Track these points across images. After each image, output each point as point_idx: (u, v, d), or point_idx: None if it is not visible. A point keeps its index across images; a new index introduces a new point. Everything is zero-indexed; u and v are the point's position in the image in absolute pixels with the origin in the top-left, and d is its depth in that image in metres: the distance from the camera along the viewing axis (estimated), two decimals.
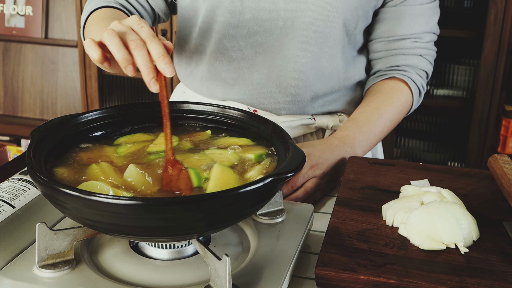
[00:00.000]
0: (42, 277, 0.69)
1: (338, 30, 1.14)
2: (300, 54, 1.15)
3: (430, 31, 1.21)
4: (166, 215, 0.62)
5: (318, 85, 1.19)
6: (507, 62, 2.31)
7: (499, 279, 0.70)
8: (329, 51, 1.17)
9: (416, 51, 1.20)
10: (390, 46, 1.21)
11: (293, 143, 0.76)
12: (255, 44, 1.16)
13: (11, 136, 3.09)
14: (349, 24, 1.15)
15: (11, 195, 0.81)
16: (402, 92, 1.19)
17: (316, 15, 1.12)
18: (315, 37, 1.14)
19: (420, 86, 1.22)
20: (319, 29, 1.14)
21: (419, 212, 0.79)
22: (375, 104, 1.16)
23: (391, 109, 1.16)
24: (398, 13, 1.19)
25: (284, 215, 0.84)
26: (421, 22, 1.19)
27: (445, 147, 2.62)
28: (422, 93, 1.24)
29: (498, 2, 2.24)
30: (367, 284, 0.70)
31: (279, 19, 1.13)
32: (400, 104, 1.18)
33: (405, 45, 1.20)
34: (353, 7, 1.13)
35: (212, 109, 0.89)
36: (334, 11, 1.12)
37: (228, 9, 1.14)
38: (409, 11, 1.18)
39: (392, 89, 1.18)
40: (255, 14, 1.13)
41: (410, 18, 1.19)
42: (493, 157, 0.98)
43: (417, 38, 1.20)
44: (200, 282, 0.69)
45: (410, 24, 1.19)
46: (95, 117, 0.85)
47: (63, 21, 2.93)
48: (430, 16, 1.20)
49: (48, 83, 3.03)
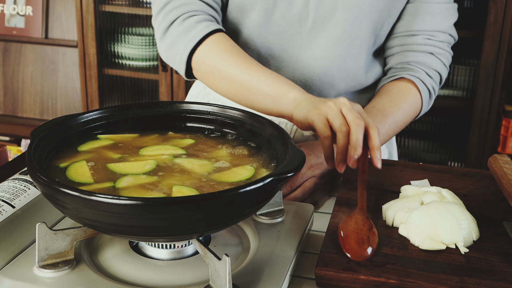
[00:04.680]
0: (42, 277, 0.69)
1: (366, 31, 1.15)
2: (327, 54, 1.16)
3: (445, 31, 1.19)
4: (166, 215, 0.62)
5: (342, 85, 1.19)
6: (507, 62, 2.31)
7: (499, 279, 0.70)
8: (355, 52, 1.17)
9: (427, 48, 1.18)
10: (403, 42, 1.19)
11: (293, 143, 0.76)
12: (283, 42, 1.17)
13: (11, 136, 3.09)
14: (376, 25, 1.15)
15: (11, 195, 0.81)
16: (410, 94, 1.16)
17: (345, 15, 1.12)
18: (342, 37, 1.15)
19: (430, 87, 1.18)
20: (348, 30, 1.14)
21: (419, 212, 0.78)
22: (380, 106, 1.14)
23: (397, 110, 1.14)
24: (414, 9, 1.18)
25: (284, 215, 0.84)
26: (435, 20, 1.17)
27: (445, 147, 2.62)
28: (433, 95, 1.20)
29: (498, 2, 2.23)
30: (367, 284, 0.70)
31: (308, 19, 1.13)
32: (407, 106, 1.15)
33: (416, 41, 1.18)
34: (380, 9, 1.13)
35: (212, 109, 0.89)
36: (362, 12, 1.12)
37: (261, 7, 1.14)
38: (424, 8, 1.17)
39: (399, 91, 1.16)
40: (286, 12, 1.14)
41: (424, 14, 1.17)
42: (493, 157, 0.98)
43: (430, 36, 1.18)
44: (200, 282, 0.69)
45: (424, 20, 1.17)
46: (95, 117, 0.85)
47: (63, 21, 2.93)
48: (445, 16, 1.18)
49: (48, 83, 3.03)
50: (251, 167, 0.78)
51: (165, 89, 2.67)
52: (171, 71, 2.63)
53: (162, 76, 2.66)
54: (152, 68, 2.74)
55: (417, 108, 1.18)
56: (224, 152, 0.83)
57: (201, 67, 1.08)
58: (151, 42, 2.73)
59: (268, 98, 1.00)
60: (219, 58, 1.05)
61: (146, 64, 2.75)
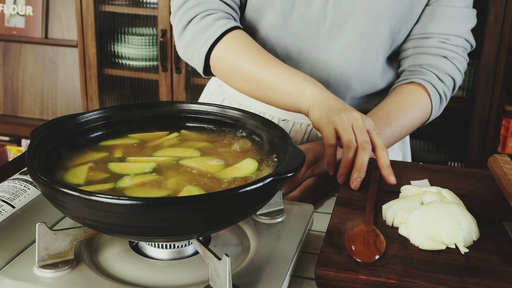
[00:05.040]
0: (42, 277, 0.69)
1: (383, 35, 1.14)
2: (344, 56, 1.15)
3: (461, 35, 1.17)
4: (166, 215, 0.62)
5: (358, 88, 1.19)
6: (507, 62, 2.31)
7: (499, 279, 0.70)
8: (372, 55, 1.16)
9: (441, 51, 1.16)
10: (417, 44, 1.18)
11: (293, 143, 0.76)
12: (300, 43, 1.16)
13: (11, 136, 3.09)
14: (393, 29, 1.15)
15: (11, 195, 0.81)
16: (419, 97, 1.14)
17: (362, 19, 1.12)
18: (360, 40, 1.14)
19: (441, 92, 1.16)
20: (365, 33, 1.13)
21: (419, 212, 0.78)
22: (387, 108, 1.12)
23: (404, 113, 1.12)
24: (431, 11, 1.17)
25: (284, 215, 0.84)
26: (450, 23, 1.16)
27: (445, 147, 2.62)
28: (444, 100, 1.18)
29: (498, 2, 2.23)
30: (367, 284, 0.70)
31: (326, 21, 1.13)
32: (415, 109, 1.13)
33: (430, 44, 1.16)
34: (399, 13, 1.12)
35: (212, 109, 0.89)
36: (380, 16, 1.12)
37: (279, 7, 1.14)
38: (441, 10, 1.16)
39: (408, 94, 1.14)
40: (304, 14, 1.13)
41: (440, 17, 1.16)
42: (493, 157, 0.98)
43: (445, 39, 1.16)
44: (200, 282, 0.69)
45: (439, 23, 1.16)
46: (95, 117, 0.85)
47: (63, 21, 2.93)
48: (462, 20, 1.16)
49: (48, 83, 3.03)
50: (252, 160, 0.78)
51: (165, 89, 2.67)
52: (171, 71, 2.63)
53: (162, 76, 2.66)
54: (152, 68, 2.74)
55: (426, 112, 1.16)
56: (226, 150, 0.83)
57: (219, 64, 1.08)
58: (151, 42, 2.73)
59: (286, 95, 1.02)
60: (237, 55, 1.06)
61: (146, 64, 2.75)
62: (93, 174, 0.75)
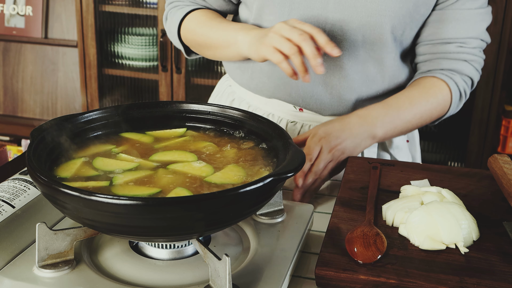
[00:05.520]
0: (42, 277, 0.69)
1: (386, 36, 1.14)
2: (347, 58, 1.16)
3: (477, 37, 1.17)
4: (166, 215, 0.62)
5: (363, 89, 1.19)
6: (507, 62, 2.31)
7: (499, 279, 0.70)
8: (376, 56, 1.17)
9: (461, 56, 1.17)
10: (434, 50, 1.18)
11: (293, 143, 0.76)
12: None
13: (11, 136, 3.09)
14: (396, 30, 1.15)
15: (11, 195, 0.81)
16: (441, 91, 1.16)
17: (364, 20, 1.12)
18: (362, 41, 1.15)
19: (462, 89, 1.18)
20: (367, 34, 1.14)
21: (419, 212, 0.79)
22: (409, 94, 1.15)
23: (425, 103, 1.14)
24: (444, 16, 1.16)
25: (284, 215, 0.84)
26: (466, 27, 1.16)
27: (445, 147, 2.62)
28: (463, 98, 1.20)
29: (498, 2, 2.23)
30: (367, 284, 0.70)
31: (327, 22, 1.13)
32: (436, 101, 1.15)
33: (449, 49, 1.17)
34: (401, 15, 1.12)
35: (212, 109, 0.89)
36: (382, 17, 1.12)
37: (277, 9, 1.15)
38: (455, 14, 1.15)
39: (431, 85, 1.16)
40: (304, 15, 1.14)
41: (455, 21, 1.16)
42: (493, 157, 0.98)
43: (463, 43, 1.17)
44: (200, 282, 0.69)
45: (455, 28, 1.16)
46: (95, 117, 0.85)
47: (63, 21, 2.93)
48: (477, 22, 1.17)
49: (48, 83, 3.03)
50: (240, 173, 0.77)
51: (165, 89, 2.67)
52: (171, 71, 2.63)
53: (162, 76, 2.66)
54: (152, 68, 2.74)
55: (445, 106, 1.18)
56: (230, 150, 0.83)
57: (186, 36, 1.24)
58: (151, 42, 2.73)
59: (229, 49, 1.16)
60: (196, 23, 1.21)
61: (146, 64, 2.75)
62: (84, 170, 0.75)
